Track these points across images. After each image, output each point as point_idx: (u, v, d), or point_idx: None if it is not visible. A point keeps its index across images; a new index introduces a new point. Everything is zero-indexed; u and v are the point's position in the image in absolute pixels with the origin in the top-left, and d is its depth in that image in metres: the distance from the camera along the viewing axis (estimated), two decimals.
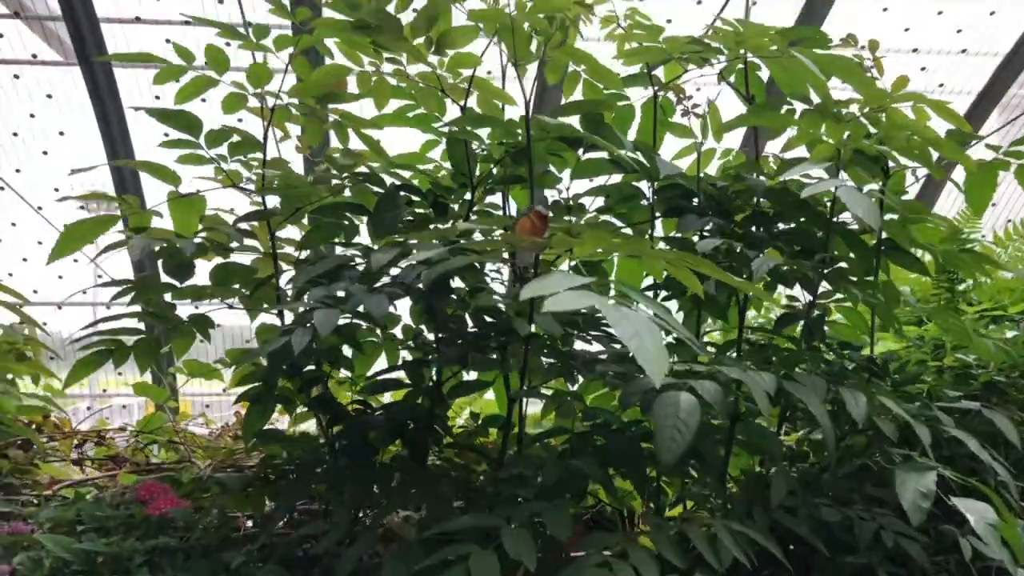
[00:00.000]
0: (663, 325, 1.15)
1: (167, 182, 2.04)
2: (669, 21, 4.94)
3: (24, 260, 6.42)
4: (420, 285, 1.54)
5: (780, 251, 1.93)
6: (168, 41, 1.98)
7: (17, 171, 6.06)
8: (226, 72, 1.92)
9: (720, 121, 2.17)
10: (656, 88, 2.16)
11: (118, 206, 2.05)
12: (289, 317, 1.90)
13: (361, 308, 1.56)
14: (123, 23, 5.27)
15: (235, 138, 1.95)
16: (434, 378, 1.96)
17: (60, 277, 6.24)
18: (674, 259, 1.27)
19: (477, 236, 1.43)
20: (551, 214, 1.31)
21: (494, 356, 1.94)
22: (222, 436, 2.60)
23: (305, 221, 2.07)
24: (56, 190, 5.80)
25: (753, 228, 1.91)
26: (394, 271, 1.71)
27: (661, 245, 2.13)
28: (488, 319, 1.85)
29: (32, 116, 5.89)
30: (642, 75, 2.19)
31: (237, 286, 1.97)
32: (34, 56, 5.64)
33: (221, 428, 2.73)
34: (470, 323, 1.84)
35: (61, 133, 5.99)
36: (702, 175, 2.00)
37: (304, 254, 2.10)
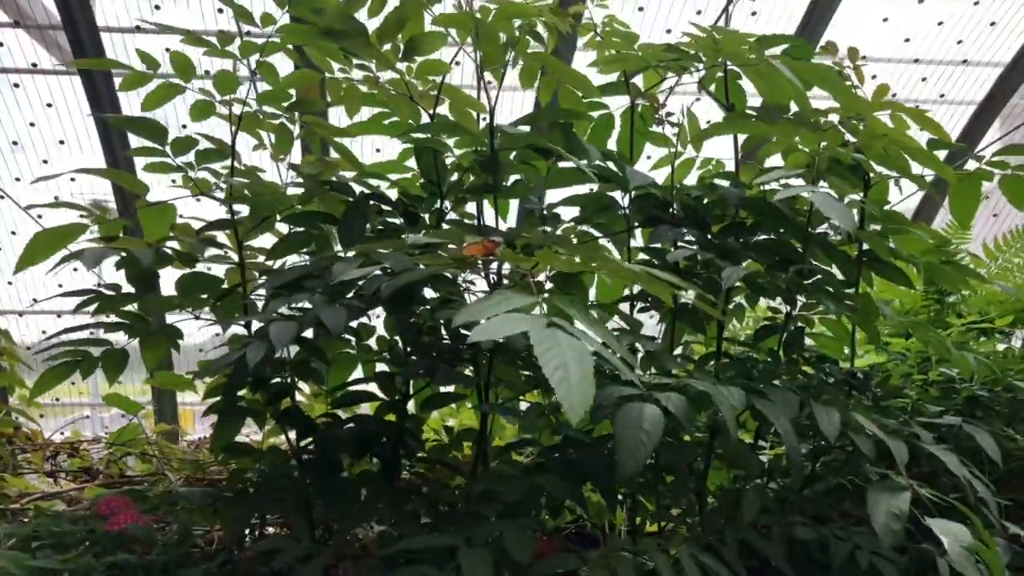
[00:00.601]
0: (600, 350, 1.10)
1: (135, 191, 2.01)
2: (668, 31, 4.90)
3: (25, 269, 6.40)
4: (383, 296, 1.50)
5: (758, 263, 1.89)
6: (167, 51, 1.96)
7: (17, 179, 6.07)
8: (192, 79, 1.89)
9: (698, 129, 2.13)
10: (634, 97, 2.13)
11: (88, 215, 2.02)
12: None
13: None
14: (123, 32, 5.27)
15: (203, 145, 1.92)
16: (410, 391, 1.93)
17: (60, 286, 6.23)
18: (625, 272, 1.23)
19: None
20: (500, 239, 1.27)
21: (467, 370, 1.91)
22: (199, 448, 2.56)
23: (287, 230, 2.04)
24: (56, 198, 5.80)
25: (730, 239, 1.87)
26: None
27: (642, 256, 2.09)
28: (463, 331, 1.81)
29: (32, 124, 5.89)
30: (619, 83, 2.16)
31: (205, 296, 1.94)
32: (34, 65, 5.65)
33: (199, 440, 2.69)
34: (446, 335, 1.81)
35: (61, 142, 6.00)
36: (679, 185, 1.97)
37: (279, 264, 2.07)
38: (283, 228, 2.07)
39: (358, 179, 1.87)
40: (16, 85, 5.79)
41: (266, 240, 2.15)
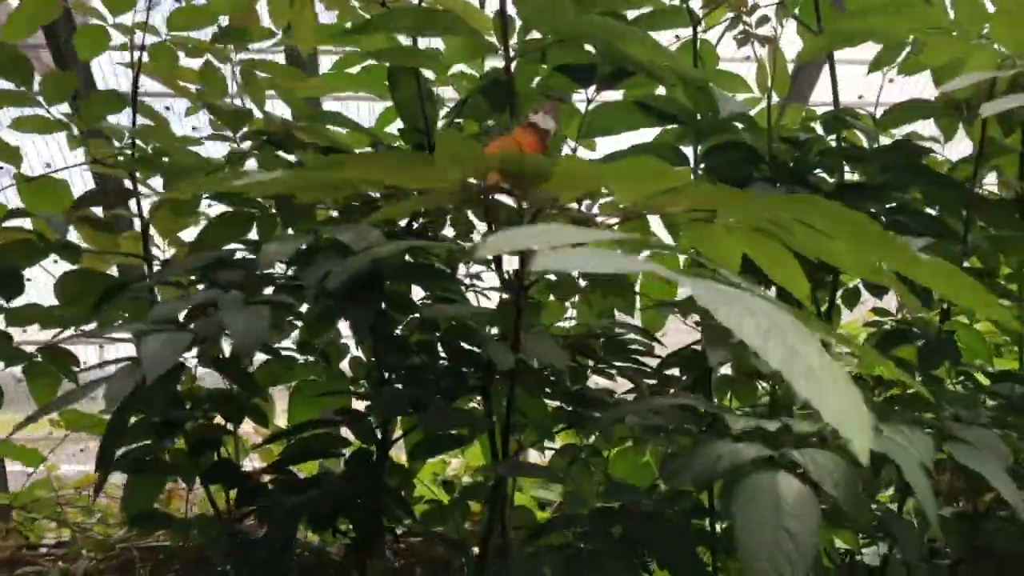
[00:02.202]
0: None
1: (6, 160, 1.44)
2: None
3: None
4: (331, 289, 0.91)
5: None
6: None
7: None
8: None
9: (785, 65, 1.54)
10: (697, 20, 1.54)
11: None
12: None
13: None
14: None
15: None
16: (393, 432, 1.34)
17: None
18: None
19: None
20: (551, 126, 0.68)
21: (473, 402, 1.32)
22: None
23: None
24: None
25: (865, 203, 1.27)
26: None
27: None
28: (466, 346, 1.23)
29: None
30: (679, 10, 1.58)
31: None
32: None
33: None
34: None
35: None
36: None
37: None
38: None
39: (310, 129, 1.28)
40: None
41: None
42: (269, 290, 1.10)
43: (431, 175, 0.58)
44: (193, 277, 1.24)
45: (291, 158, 1.33)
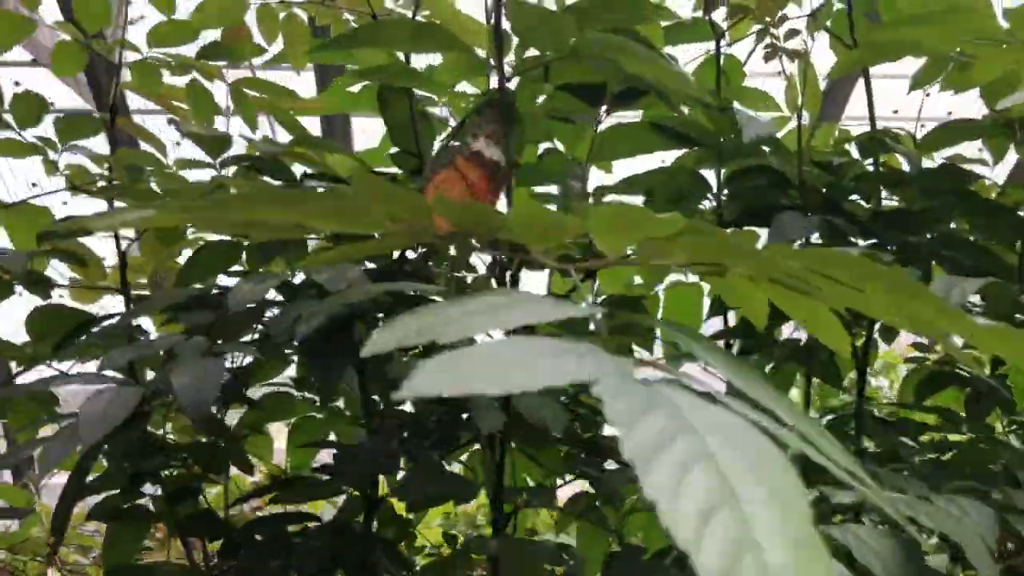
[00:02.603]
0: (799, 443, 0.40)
1: None
2: None
3: None
4: (298, 341, 0.80)
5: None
6: None
7: None
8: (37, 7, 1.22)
9: (816, 80, 1.41)
10: (721, 33, 1.43)
11: None
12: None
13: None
14: None
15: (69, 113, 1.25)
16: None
17: None
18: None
19: None
20: (498, 156, 0.56)
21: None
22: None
23: None
24: None
25: (908, 234, 1.14)
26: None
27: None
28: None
29: None
30: (700, 23, 1.46)
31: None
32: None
33: None
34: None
35: None
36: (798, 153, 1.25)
37: None
38: None
39: (293, 154, 1.18)
40: None
41: None
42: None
43: (355, 220, 0.48)
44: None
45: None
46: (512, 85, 1.05)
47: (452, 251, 0.94)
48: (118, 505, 1.23)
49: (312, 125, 3.82)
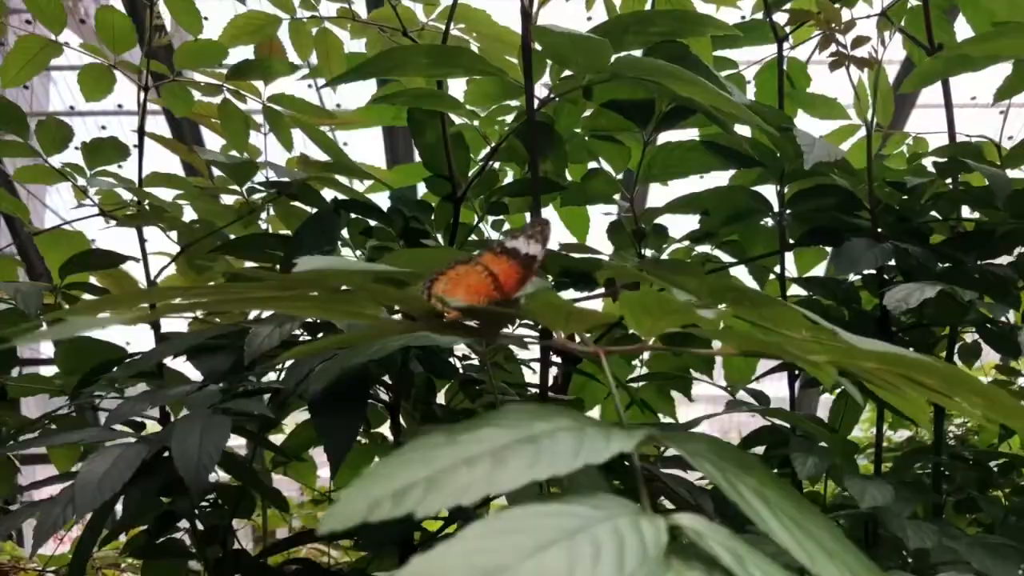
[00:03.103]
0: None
1: (11, 211, 1.32)
2: None
3: None
4: (310, 400, 0.74)
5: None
6: None
7: None
8: (62, 29, 1.18)
9: (889, 90, 1.30)
10: (783, 36, 1.32)
11: None
12: None
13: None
14: None
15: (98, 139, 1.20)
16: None
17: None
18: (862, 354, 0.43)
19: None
20: (538, 252, 0.48)
21: None
22: None
23: None
24: None
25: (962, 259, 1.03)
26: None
27: (795, 289, 1.28)
28: None
29: None
30: (760, 25, 1.36)
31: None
32: None
33: None
34: None
35: None
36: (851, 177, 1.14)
37: None
38: None
39: (324, 179, 1.11)
40: None
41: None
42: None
43: (350, 311, 0.41)
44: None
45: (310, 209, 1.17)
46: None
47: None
48: (148, 544, 1.19)
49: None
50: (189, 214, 1.32)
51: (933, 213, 1.16)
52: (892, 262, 1.01)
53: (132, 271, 1.39)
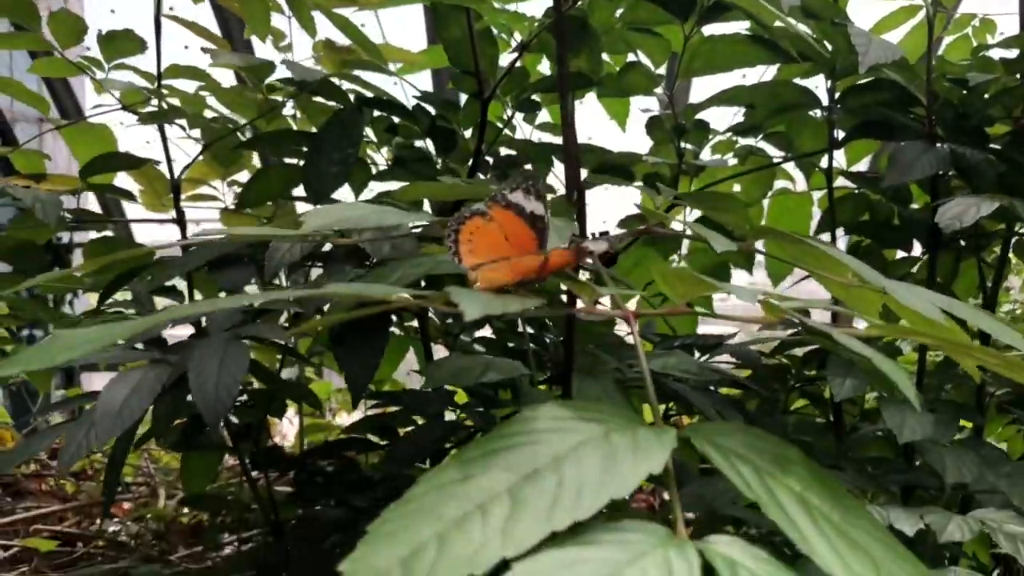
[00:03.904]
0: None
1: (30, 104, 1.28)
2: None
3: None
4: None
5: None
6: None
7: None
8: None
9: None
10: None
11: None
12: None
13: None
14: None
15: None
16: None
17: None
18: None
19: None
20: (541, 211, 0.44)
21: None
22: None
23: None
24: None
25: None
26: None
27: (842, 182, 1.23)
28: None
29: None
30: None
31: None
32: None
33: None
34: None
35: None
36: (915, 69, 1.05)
37: None
38: None
39: (347, 74, 1.06)
40: None
41: None
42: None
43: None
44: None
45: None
46: None
47: None
48: (185, 438, 1.21)
49: None
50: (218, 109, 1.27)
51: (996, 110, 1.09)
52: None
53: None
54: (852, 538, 0.29)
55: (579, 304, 0.41)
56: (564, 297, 0.86)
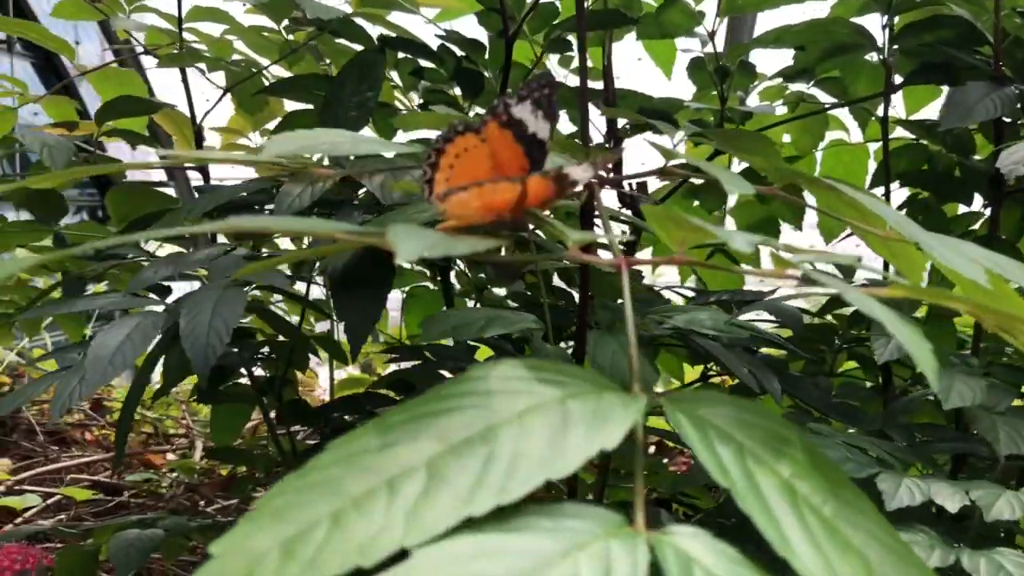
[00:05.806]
0: None
1: (54, 48, 1.26)
2: None
3: None
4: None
5: None
6: None
7: None
8: None
9: None
10: None
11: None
12: None
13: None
14: None
15: None
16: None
17: None
18: None
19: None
20: (545, 135, 0.38)
21: None
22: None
23: None
24: None
25: None
26: None
27: (900, 132, 1.15)
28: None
29: None
30: None
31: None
32: None
33: None
34: None
35: None
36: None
37: None
38: None
39: (366, 12, 1.01)
40: None
41: None
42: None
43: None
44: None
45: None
46: None
47: None
48: (211, 389, 1.18)
49: None
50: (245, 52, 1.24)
51: None
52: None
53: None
54: (844, 537, 0.24)
55: (569, 249, 0.35)
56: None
